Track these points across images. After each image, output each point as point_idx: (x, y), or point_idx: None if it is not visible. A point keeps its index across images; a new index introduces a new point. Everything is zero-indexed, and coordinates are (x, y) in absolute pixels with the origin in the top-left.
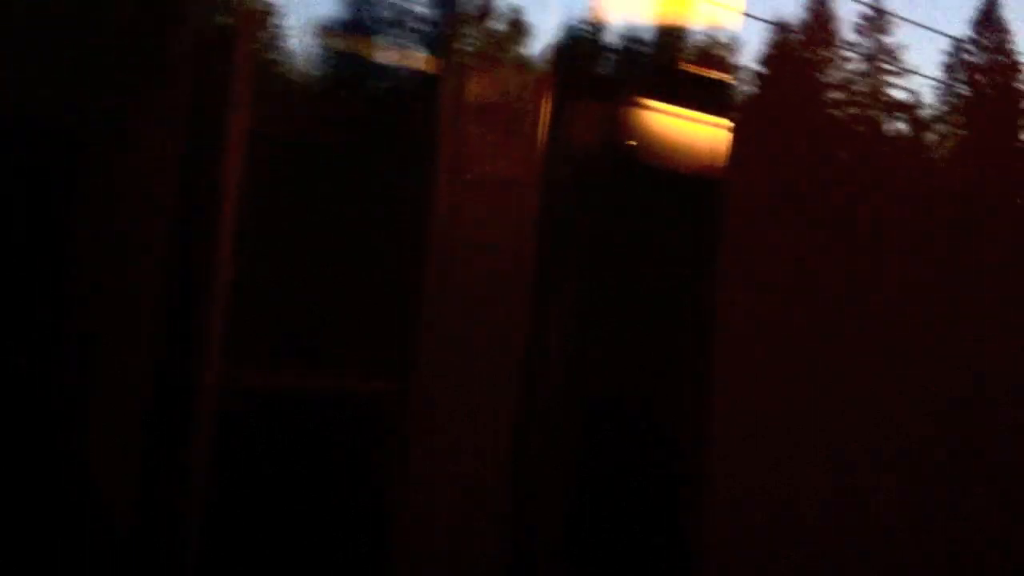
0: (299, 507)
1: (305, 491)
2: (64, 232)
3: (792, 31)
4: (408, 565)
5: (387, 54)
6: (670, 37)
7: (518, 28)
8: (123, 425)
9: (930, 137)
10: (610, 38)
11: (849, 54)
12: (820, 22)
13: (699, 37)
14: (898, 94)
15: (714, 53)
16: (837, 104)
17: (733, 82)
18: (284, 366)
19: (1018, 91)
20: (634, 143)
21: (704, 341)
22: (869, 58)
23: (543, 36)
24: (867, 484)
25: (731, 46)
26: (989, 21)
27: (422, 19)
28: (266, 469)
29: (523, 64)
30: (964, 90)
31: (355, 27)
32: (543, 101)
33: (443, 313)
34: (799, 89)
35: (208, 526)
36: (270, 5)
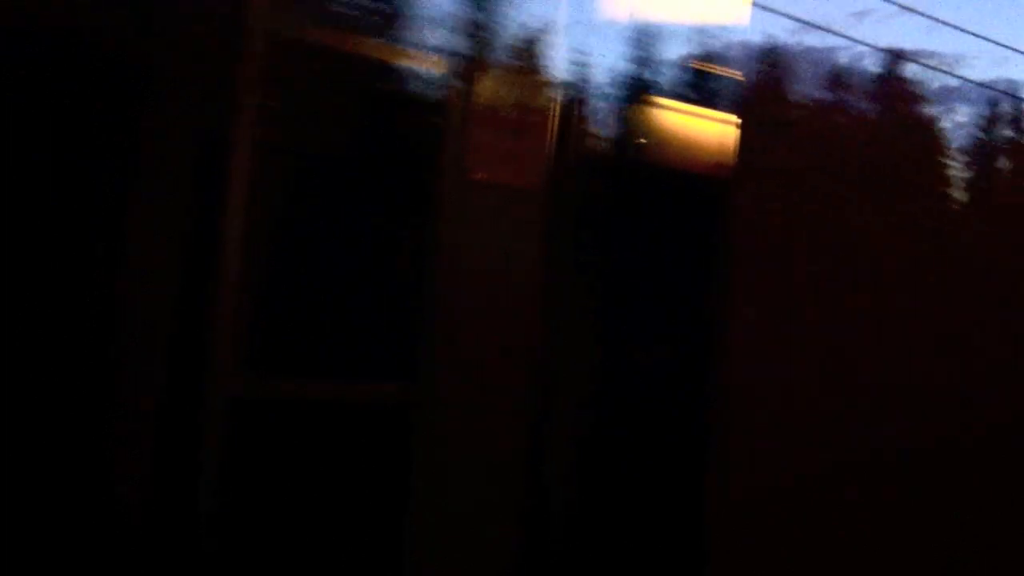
0: (309, 513)
1: (316, 498)
2: (81, 242)
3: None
4: (419, 571)
5: (395, 58)
6: (679, 37)
7: (526, 31)
8: (136, 432)
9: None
10: (618, 38)
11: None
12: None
13: (708, 36)
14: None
15: (724, 51)
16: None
17: (744, 80)
18: (293, 375)
19: None
20: (643, 142)
21: (716, 342)
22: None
23: (552, 38)
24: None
25: (741, 44)
26: None
27: (430, 22)
28: (276, 478)
29: (531, 66)
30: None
31: (362, 31)
32: (552, 102)
33: (453, 320)
34: (813, 87)
35: (219, 529)
36: (278, 12)
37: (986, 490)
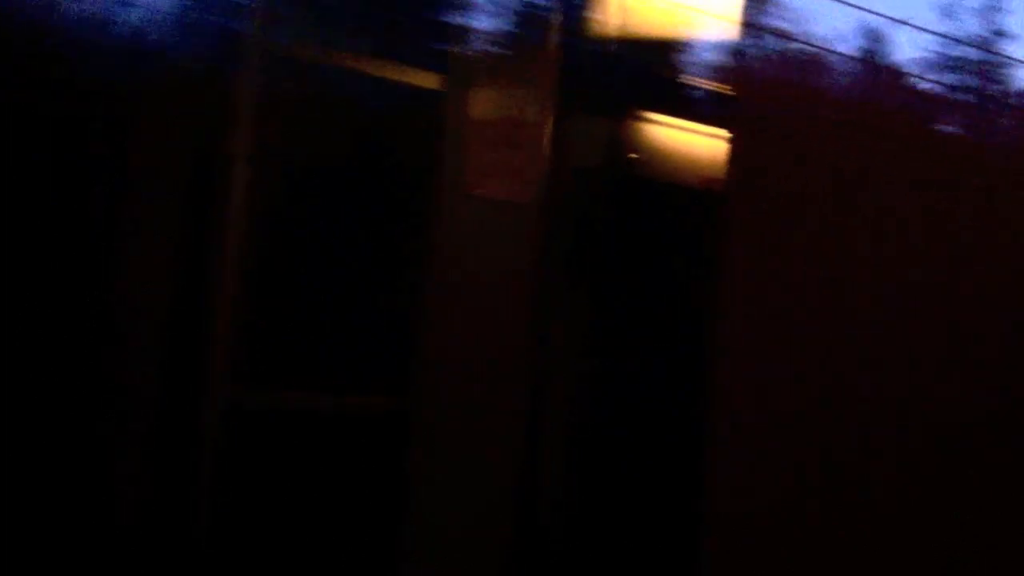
0: (307, 520)
1: (314, 505)
2: (80, 252)
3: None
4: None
5: (389, 71)
6: (671, 50)
7: (521, 44)
8: (135, 440)
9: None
10: (612, 52)
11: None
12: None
13: (700, 50)
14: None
15: (715, 65)
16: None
17: (734, 94)
18: (287, 386)
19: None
20: (636, 156)
21: (711, 345)
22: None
23: (547, 51)
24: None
25: (732, 58)
26: None
27: (425, 36)
28: (273, 485)
29: (526, 79)
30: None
31: (357, 44)
32: (546, 116)
33: (448, 328)
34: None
35: (216, 537)
36: (272, 25)
37: (988, 492)
